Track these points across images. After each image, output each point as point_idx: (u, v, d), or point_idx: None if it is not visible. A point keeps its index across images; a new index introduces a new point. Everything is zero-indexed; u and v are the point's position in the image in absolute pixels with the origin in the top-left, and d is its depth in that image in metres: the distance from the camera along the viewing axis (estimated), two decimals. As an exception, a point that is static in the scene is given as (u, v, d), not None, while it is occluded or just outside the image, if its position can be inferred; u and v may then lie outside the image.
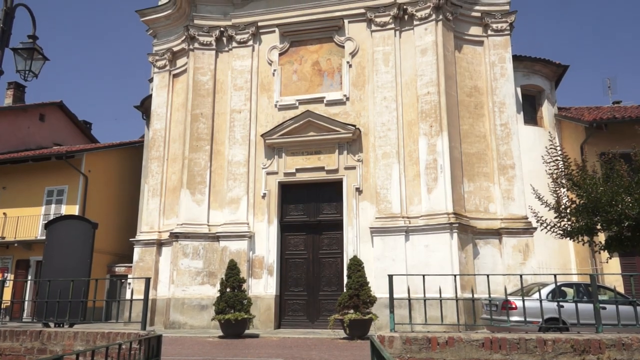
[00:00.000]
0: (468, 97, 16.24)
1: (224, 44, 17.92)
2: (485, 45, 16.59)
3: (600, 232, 11.36)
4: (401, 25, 16.49)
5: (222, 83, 17.64)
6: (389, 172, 15.36)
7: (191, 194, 16.55)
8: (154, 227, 17.70)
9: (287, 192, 16.63)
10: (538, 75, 20.24)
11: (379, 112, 15.87)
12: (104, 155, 23.98)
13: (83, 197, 22.10)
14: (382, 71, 16.15)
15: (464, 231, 14.45)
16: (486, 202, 15.48)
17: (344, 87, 16.57)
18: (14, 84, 28.33)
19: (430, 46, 15.74)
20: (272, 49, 17.46)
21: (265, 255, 15.92)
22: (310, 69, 17.09)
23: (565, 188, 11.51)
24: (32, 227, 22.18)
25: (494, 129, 15.85)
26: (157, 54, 19.27)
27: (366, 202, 15.58)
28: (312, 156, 16.35)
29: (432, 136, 15.13)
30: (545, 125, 19.83)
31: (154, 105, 19.07)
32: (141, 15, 19.31)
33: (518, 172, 15.36)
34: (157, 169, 18.25)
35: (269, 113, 17.02)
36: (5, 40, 9.80)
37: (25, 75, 10.26)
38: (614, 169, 10.72)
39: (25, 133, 27.11)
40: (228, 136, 17.00)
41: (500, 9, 16.60)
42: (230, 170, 16.63)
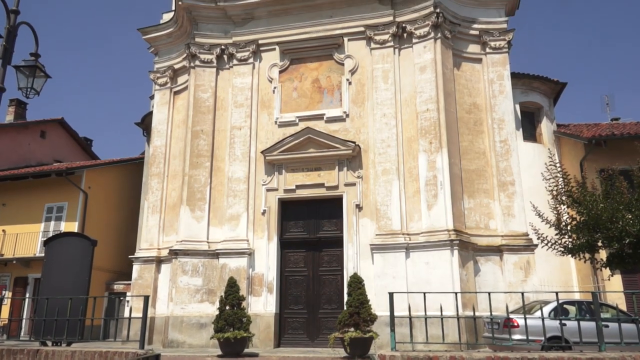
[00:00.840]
0: (467, 113, 16.32)
1: (225, 61, 18.07)
2: (484, 62, 16.73)
3: (602, 249, 11.32)
4: (400, 43, 16.65)
5: (222, 100, 17.74)
6: (389, 188, 15.35)
7: (191, 210, 16.52)
8: (153, 244, 17.63)
9: (287, 209, 16.60)
10: (536, 92, 20.39)
11: (379, 129, 15.93)
12: (104, 172, 24.02)
13: (83, 213, 22.07)
14: (382, 88, 16.25)
15: (464, 248, 14.39)
16: (486, 218, 15.45)
17: (344, 104, 16.66)
18: (15, 100, 28.52)
19: (429, 64, 15.87)
20: (272, 66, 17.60)
21: (265, 272, 15.83)
22: (310, 86, 17.21)
23: (565, 205, 11.50)
24: (31, 244, 22.10)
25: (493, 145, 15.89)
26: (159, 71, 19.43)
27: (366, 219, 15.55)
28: (312, 173, 16.36)
29: (432, 153, 15.16)
30: (545, 142, 19.89)
31: (154, 122, 19.15)
32: (143, 33, 19.50)
33: (518, 188, 15.35)
34: (157, 186, 18.25)
35: (269, 130, 17.09)
36: (8, 58, 9.91)
37: (27, 93, 10.34)
38: (613, 185, 10.73)
39: (26, 150, 27.19)
40: (228, 153, 17.04)
41: (498, 28, 16.77)
42: (230, 186, 16.63)
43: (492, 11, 16.99)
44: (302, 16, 17.47)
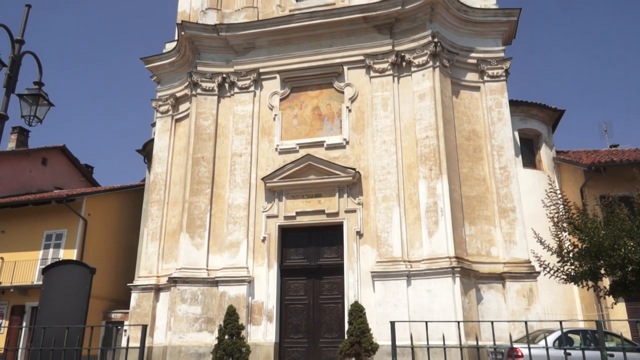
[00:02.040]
0: (467, 140, 16.41)
1: (226, 89, 18.28)
2: (482, 90, 16.90)
3: (604, 276, 11.21)
4: (399, 71, 16.86)
5: (223, 127, 17.87)
6: (390, 215, 15.31)
7: (190, 237, 16.44)
8: (152, 272, 17.48)
9: (287, 236, 16.52)
10: (535, 119, 20.55)
11: (379, 156, 15.99)
12: (105, 199, 24.00)
13: (82, 241, 21.96)
14: (381, 116, 16.38)
15: (466, 275, 14.25)
16: (488, 245, 15.35)
17: (344, 131, 16.77)
18: (18, 128, 28.74)
19: (428, 91, 16.04)
20: (273, 94, 17.80)
21: (265, 300, 15.64)
22: (310, 114, 17.36)
23: (566, 232, 11.45)
24: (29, 272, 21.92)
25: (493, 172, 15.91)
26: (161, 99, 19.63)
27: (367, 246, 15.45)
28: (312, 199, 16.35)
29: (432, 179, 15.18)
30: (544, 169, 19.94)
31: (155, 149, 19.25)
32: (146, 62, 19.79)
33: (519, 215, 15.30)
34: (157, 213, 18.22)
35: (269, 157, 17.16)
36: (12, 86, 10.03)
37: (30, 121, 10.42)
38: (614, 212, 10.70)
39: (27, 177, 27.25)
40: (229, 180, 17.07)
41: (495, 56, 17.02)
42: (230, 213, 16.59)
43: (489, 40, 17.27)
44: (303, 45, 17.76)
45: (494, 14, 17.20)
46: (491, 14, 17.20)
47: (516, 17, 17.24)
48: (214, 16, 18.71)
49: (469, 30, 17.26)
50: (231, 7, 19.10)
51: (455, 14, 16.93)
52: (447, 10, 16.72)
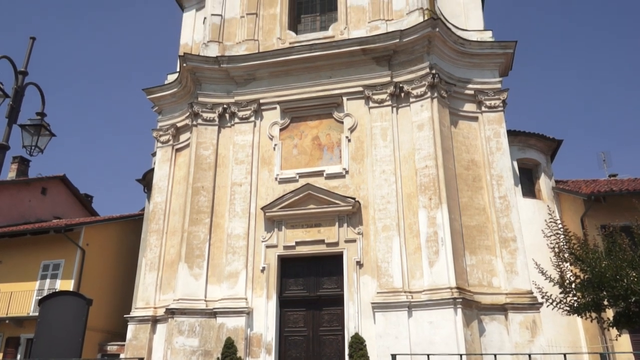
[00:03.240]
0: (466, 170, 16.46)
1: (227, 119, 18.44)
2: (480, 120, 17.06)
3: (608, 308, 11.06)
4: (398, 102, 17.04)
5: (223, 157, 17.95)
6: (390, 245, 15.21)
7: (189, 267, 16.29)
8: (149, 303, 17.24)
9: (286, 266, 16.37)
10: (533, 149, 20.68)
11: (378, 185, 16.01)
12: (103, 229, 23.91)
13: (79, 271, 21.76)
14: (381, 145, 16.48)
15: (468, 307, 14.06)
16: (489, 276, 15.20)
17: (344, 161, 16.84)
18: (19, 158, 28.86)
19: (426, 122, 16.17)
20: (273, 124, 17.94)
21: (264, 332, 15.37)
22: (310, 144, 17.46)
23: (568, 262, 11.35)
24: (25, 303, 21.63)
25: (493, 201, 15.90)
26: (162, 129, 19.79)
27: (367, 276, 15.29)
28: (312, 229, 16.27)
29: (432, 209, 15.15)
30: (544, 198, 19.94)
31: (155, 179, 19.28)
32: (148, 93, 20.05)
33: (520, 245, 15.21)
34: (156, 242, 18.11)
35: (269, 186, 17.17)
36: (14, 117, 10.12)
37: (31, 151, 10.48)
38: (615, 242, 10.64)
39: (27, 206, 27.21)
40: (228, 209, 17.03)
41: (493, 87, 17.25)
42: (229, 243, 16.49)
43: (486, 72, 17.54)
44: (302, 77, 18.02)
45: (490, 47, 17.53)
46: (487, 47, 17.52)
47: (512, 50, 17.57)
48: (216, 48, 19.05)
49: (466, 62, 17.55)
50: (232, 39, 19.47)
51: (452, 47, 17.24)
52: (444, 43, 17.05)
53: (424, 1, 17.50)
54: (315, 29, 19.54)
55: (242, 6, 19.88)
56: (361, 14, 18.54)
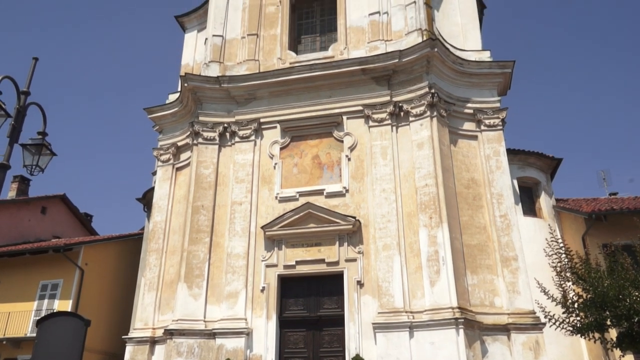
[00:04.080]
0: (466, 189, 16.46)
1: (227, 138, 18.51)
2: (480, 139, 17.12)
3: (611, 328, 10.94)
4: (397, 121, 17.13)
5: (224, 176, 17.96)
6: (390, 264, 15.11)
7: (188, 287, 16.16)
8: (148, 324, 17.05)
9: (286, 286, 16.24)
10: (533, 167, 20.70)
11: (379, 204, 15.99)
12: (102, 248, 23.79)
13: (77, 291, 21.58)
14: (381, 164, 16.51)
15: (470, 327, 13.90)
16: (491, 295, 15.06)
17: (344, 180, 16.85)
18: (19, 177, 28.86)
19: (426, 140, 16.23)
20: (273, 143, 18.00)
21: (264, 353, 15.17)
22: (310, 162, 17.50)
23: (570, 282, 11.27)
24: (22, 324, 21.41)
25: (493, 220, 15.85)
26: (162, 148, 19.85)
27: (368, 296, 15.16)
28: (312, 248, 16.20)
29: (433, 228, 15.10)
30: (545, 217, 19.88)
31: (155, 198, 19.26)
32: (149, 112, 20.18)
33: (521, 264, 15.11)
34: (155, 262, 18.01)
35: (269, 205, 17.15)
36: (15, 136, 10.15)
37: (32, 170, 10.49)
38: (617, 261, 10.58)
39: (26, 226, 27.13)
40: (228, 228, 16.97)
41: (492, 107, 17.35)
42: (229, 262, 16.39)
43: (485, 91, 17.67)
44: (303, 96, 18.14)
45: (489, 66, 17.69)
46: (486, 67, 17.69)
47: (510, 69, 17.73)
48: (217, 68, 19.23)
49: (464, 81, 17.70)
50: (233, 60, 19.67)
51: (451, 67, 17.41)
52: (443, 63, 17.21)
53: (423, 22, 17.73)
54: (315, 49, 19.76)
55: (243, 27, 20.15)
56: (360, 35, 18.77)
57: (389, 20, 18.58)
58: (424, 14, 17.88)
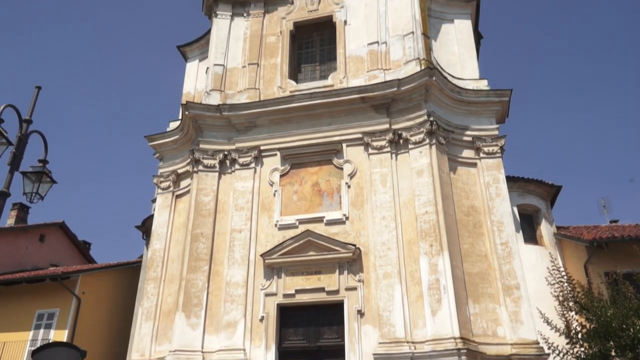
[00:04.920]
0: (466, 216, 16.42)
1: (227, 166, 18.57)
2: (479, 166, 17.17)
3: (616, 358, 10.75)
4: (397, 148, 17.22)
5: (223, 203, 17.94)
6: (391, 293, 14.95)
7: (186, 317, 15.93)
8: (145, 354, 16.74)
9: (286, 315, 16.01)
10: (533, 195, 20.70)
11: (379, 232, 15.92)
12: (100, 276, 23.54)
13: (74, 321, 21.24)
14: (380, 191, 16.51)
15: (472, 357, 13.63)
16: (494, 325, 14.83)
17: (344, 207, 16.82)
18: (18, 204, 28.80)
19: (425, 168, 16.28)
20: (273, 170, 18.05)
21: (262, 385, 14.84)
22: (310, 190, 17.51)
23: (573, 311, 11.12)
24: (17, 354, 20.98)
25: (494, 248, 15.76)
26: (162, 175, 19.89)
27: (368, 326, 14.93)
28: (312, 276, 16.04)
29: (433, 255, 14.99)
30: (546, 245, 19.77)
31: (154, 225, 19.19)
32: (150, 140, 20.30)
33: (524, 293, 14.93)
34: (153, 291, 17.81)
35: (269, 232, 17.07)
36: (16, 164, 10.19)
37: (31, 198, 10.49)
38: (620, 290, 10.47)
39: (24, 254, 26.92)
40: (227, 256, 16.86)
41: (490, 134, 17.47)
42: (228, 291, 16.21)
43: (484, 119, 17.81)
44: (303, 124, 18.29)
45: (486, 95, 17.90)
46: (483, 95, 17.89)
47: (508, 98, 17.92)
48: (217, 97, 19.45)
49: (463, 109, 17.86)
50: (234, 88, 19.92)
51: (449, 95, 17.61)
52: (441, 91, 17.42)
53: (421, 52, 18.02)
54: (315, 78, 20.03)
55: (244, 57, 20.48)
56: (360, 64, 19.05)
57: (387, 49, 18.89)
58: (421, 43, 18.20)
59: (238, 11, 21.51)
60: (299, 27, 20.92)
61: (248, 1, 21.49)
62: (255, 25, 21.04)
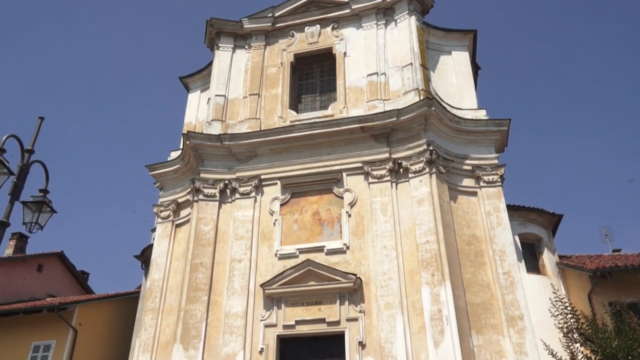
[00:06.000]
0: (467, 245, 16.32)
1: (228, 195, 18.59)
2: (479, 195, 17.17)
3: (624, 391, 10.50)
4: (397, 177, 17.27)
5: (223, 233, 17.88)
6: (393, 324, 14.72)
7: (184, 349, 15.65)
8: (141, 388, 16.38)
9: (286, 347, 15.72)
10: (534, 224, 20.57)
11: (380, 261, 15.80)
12: (98, 307, 23.22)
13: (70, 353, 20.83)
14: (381, 220, 16.47)
15: (476, 391, 13.35)
16: (497, 357, 14.53)
17: (344, 236, 16.75)
18: (17, 234, 28.64)
19: (426, 197, 16.29)
20: (273, 199, 18.06)
21: (261, 420, 14.46)
22: (310, 219, 17.47)
23: (578, 343, 10.93)
24: (10, 388, 20.52)
25: (497, 277, 15.60)
26: (162, 204, 19.88)
27: (370, 358, 14.64)
28: (312, 307, 15.84)
29: (435, 285, 14.83)
30: (549, 274, 19.55)
31: (154, 255, 19.06)
32: (151, 169, 20.39)
33: (527, 323, 14.69)
34: (151, 322, 17.54)
35: (269, 262, 16.95)
36: (17, 194, 10.19)
37: (31, 227, 10.46)
38: (624, 321, 10.32)
39: (21, 284, 26.64)
40: (227, 286, 16.68)
41: (490, 163, 17.54)
42: (227, 322, 15.97)
43: (483, 148, 17.93)
44: (303, 153, 18.40)
45: (485, 124, 18.06)
46: (482, 124, 18.05)
47: (506, 127, 18.08)
48: (219, 127, 19.64)
49: (462, 139, 18.00)
50: (235, 118, 20.13)
51: (448, 124, 17.77)
52: (440, 121, 17.59)
53: (419, 82, 18.29)
54: (315, 108, 20.28)
55: (245, 87, 20.79)
56: (359, 95, 19.31)
57: (386, 80, 19.19)
58: (420, 74, 18.49)
59: (240, 44, 21.96)
60: (299, 59, 21.31)
61: (249, 34, 21.97)
62: (256, 57, 21.44)
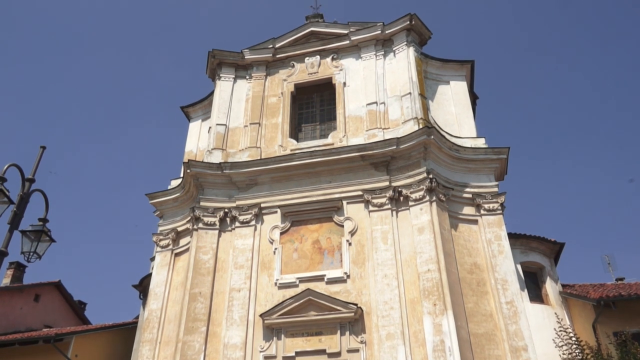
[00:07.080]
0: (469, 274, 16.16)
1: (227, 223, 18.51)
2: (480, 223, 17.10)
3: None
4: (397, 205, 17.24)
5: (223, 262, 17.73)
6: (395, 355, 14.44)
7: (182, 381, 15.30)
8: (137, 422, 15.96)
9: (285, 379, 15.38)
10: (536, 252, 20.46)
11: (381, 290, 15.62)
12: (94, 338, 22.83)
13: (64, 386, 20.38)
14: (382, 249, 16.36)
15: None
16: (502, 389, 14.22)
17: (345, 265, 16.61)
18: (15, 263, 28.41)
19: (426, 225, 16.22)
20: (273, 228, 17.98)
21: None
22: (310, 247, 17.36)
23: (585, 375, 10.73)
24: (2, 422, 19.99)
25: (499, 307, 15.38)
26: (162, 233, 19.78)
27: (371, 390, 14.31)
28: (312, 337, 15.57)
29: (437, 315, 14.62)
30: (552, 304, 19.31)
31: (152, 284, 18.85)
32: (151, 198, 20.37)
33: (532, 355, 14.38)
34: (149, 353, 17.20)
35: (268, 291, 16.75)
36: (16, 223, 10.15)
37: (29, 257, 10.38)
38: (629, 352, 10.14)
39: (18, 314, 26.28)
40: (226, 316, 16.44)
41: (490, 191, 17.54)
42: (225, 354, 15.66)
43: (483, 177, 17.96)
44: (303, 182, 18.43)
45: (484, 153, 18.14)
46: (481, 153, 18.14)
47: (505, 155, 18.15)
48: (219, 155, 19.73)
49: (462, 167, 18.05)
50: (235, 147, 20.26)
51: (448, 153, 17.85)
52: (440, 149, 17.68)
53: (418, 111, 18.47)
54: (315, 136, 20.42)
55: (246, 116, 20.99)
56: (359, 123, 19.48)
57: (386, 109, 19.39)
58: (419, 103, 18.70)
59: (241, 74, 22.30)
60: (299, 89, 21.59)
61: (251, 65, 22.33)
62: (257, 87, 21.73)
